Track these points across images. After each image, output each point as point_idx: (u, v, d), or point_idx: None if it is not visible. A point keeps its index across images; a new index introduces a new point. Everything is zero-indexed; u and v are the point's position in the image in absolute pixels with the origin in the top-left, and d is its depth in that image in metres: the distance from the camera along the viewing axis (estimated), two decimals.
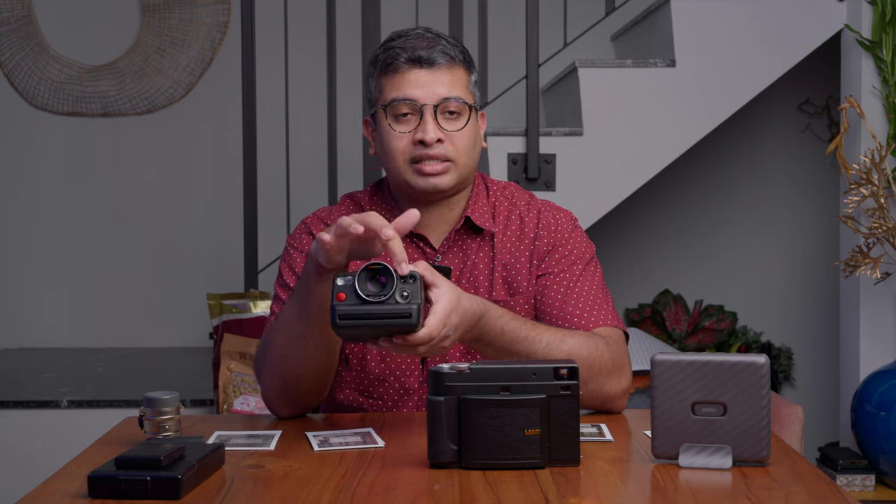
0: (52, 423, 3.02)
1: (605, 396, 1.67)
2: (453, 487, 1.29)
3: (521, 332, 1.60)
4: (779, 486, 1.30)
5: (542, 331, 1.63)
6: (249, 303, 2.94)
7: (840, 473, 3.18)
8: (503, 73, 3.82)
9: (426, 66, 1.72)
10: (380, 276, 1.41)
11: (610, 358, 1.68)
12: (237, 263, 3.53)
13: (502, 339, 1.59)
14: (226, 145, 4.11)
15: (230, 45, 4.13)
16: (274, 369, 1.65)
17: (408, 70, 1.73)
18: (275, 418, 1.69)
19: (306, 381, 1.65)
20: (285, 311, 1.63)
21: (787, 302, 4.18)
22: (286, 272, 1.80)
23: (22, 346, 4.16)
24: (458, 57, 1.75)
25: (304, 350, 1.62)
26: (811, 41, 3.33)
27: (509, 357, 1.60)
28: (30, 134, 4.17)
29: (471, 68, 1.79)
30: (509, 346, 1.59)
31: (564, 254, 1.80)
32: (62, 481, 1.34)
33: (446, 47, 1.74)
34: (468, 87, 1.77)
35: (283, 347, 1.63)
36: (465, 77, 1.76)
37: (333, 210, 1.86)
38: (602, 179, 3.25)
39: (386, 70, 1.74)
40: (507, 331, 1.59)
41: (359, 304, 1.40)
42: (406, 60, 1.73)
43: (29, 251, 4.18)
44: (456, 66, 1.75)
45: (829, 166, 4.08)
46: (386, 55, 1.75)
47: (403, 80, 1.73)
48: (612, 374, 1.67)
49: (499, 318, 1.58)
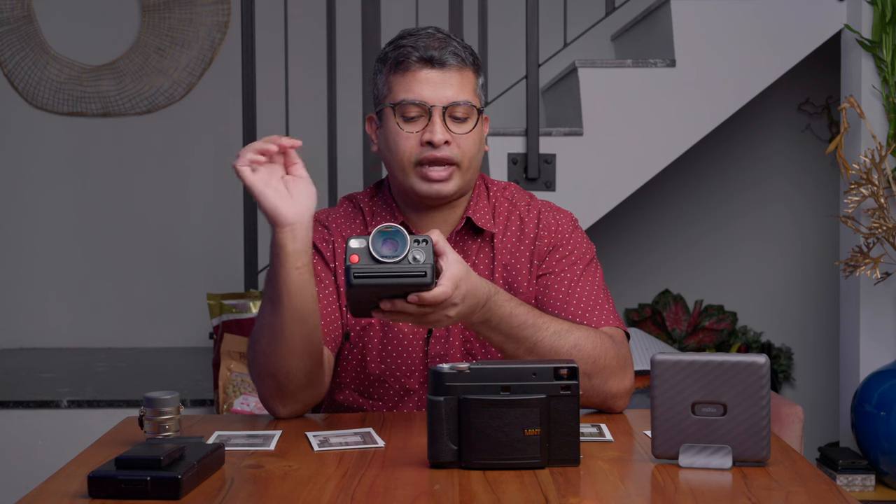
0: (52, 423, 3.02)
1: (608, 394, 1.67)
2: (453, 487, 1.29)
3: (528, 318, 1.60)
4: (779, 486, 1.30)
5: (548, 320, 1.64)
6: (249, 303, 2.94)
7: (840, 473, 3.18)
8: (503, 73, 3.82)
9: (437, 67, 1.72)
10: (394, 238, 1.43)
11: (615, 355, 1.68)
12: (237, 263, 3.53)
13: (509, 323, 1.58)
14: (226, 145, 4.11)
15: (230, 45, 4.13)
16: (262, 368, 1.65)
17: (419, 69, 1.72)
18: (275, 419, 1.69)
19: (294, 376, 1.63)
20: (261, 309, 1.64)
21: (787, 302, 4.18)
22: None
23: (22, 346, 4.16)
24: (468, 59, 1.75)
25: (284, 343, 1.60)
26: (811, 41, 3.33)
27: (515, 345, 1.60)
28: (30, 134, 4.17)
29: (479, 71, 1.79)
30: (516, 331, 1.59)
31: (565, 254, 1.80)
32: (62, 481, 1.34)
33: (457, 49, 1.74)
34: (476, 90, 1.77)
35: (265, 345, 1.63)
36: (473, 80, 1.76)
37: (332, 212, 1.86)
38: (602, 179, 3.25)
39: (396, 68, 1.74)
40: (515, 315, 1.59)
41: (373, 264, 1.42)
42: (417, 59, 1.72)
43: (29, 251, 4.18)
44: (466, 69, 1.75)
45: (829, 166, 4.08)
46: (397, 53, 1.74)
47: (414, 80, 1.72)
48: (616, 371, 1.67)
49: (507, 302, 1.59)
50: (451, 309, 1.48)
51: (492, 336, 1.60)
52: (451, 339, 1.76)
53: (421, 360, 1.77)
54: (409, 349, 1.76)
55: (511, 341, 1.60)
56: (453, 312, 1.49)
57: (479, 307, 1.54)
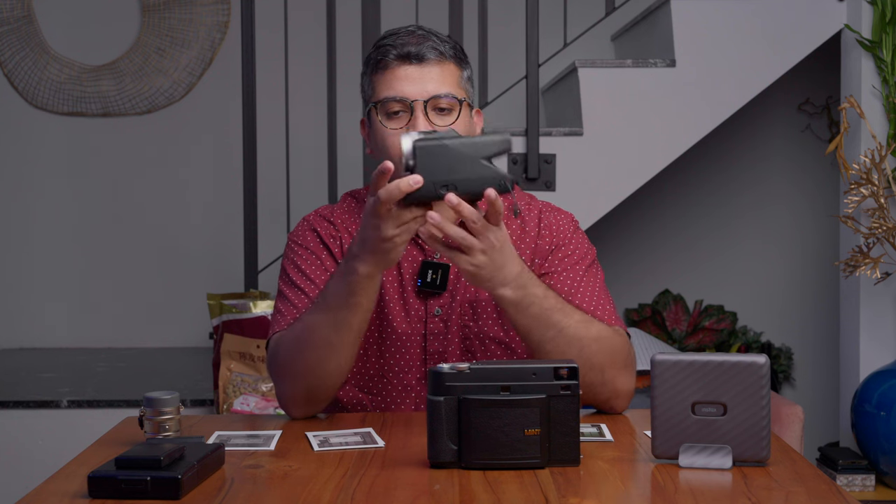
0: (52, 423, 3.02)
1: (616, 391, 1.67)
2: (453, 487, 1.29)
3: (558, 302, 1.62)
4: (779, 486, 1.30)
5: (573, 307, 1.65)
6: (249, 303, 2.93)
7: (840, 473, 3.18)
8: (503, 73, 3.82)
9: (415, 62, 1.72)
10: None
11: (628, 353, 1.69)
12: (237, 263, 3.52)
13: (542, 305, 1.59)
14: (226, 145, 4.11)
15: (230, 45, 4.13)
16: (296, 373, 1.65)
17: (398, 66, 1.73)
18: (275, 418, 1.69)
19: (327, 386, 1.66)
20: (314, 323, 1.63)
21: (787, 302, 4.18)
22: (290, 268, 1.79)
23: (22, 346, 4.16)
24: (448, 53, 1.75)
25: (334, 360, 1.62)
26: (811, 41, 3.33)
27: (543, 330, 1.60)
28: (30, 134, 4.17)
29: (463, 64, 1.78)
30: (548, 314, 1.59)
31: (567, 253, 1.80)
32: (62, 481, 1.34)
33: (436, 43, 1.74)
34: (459, 82, 1.76)
35: (309, 354, 1.63)
36: (456, 73, 1.76)
37: (335, 208, 1.85)
38: (602, 179, 3.25)
39: (377, 68, 1.75)
40: (549, 296, 1.60)
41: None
42: (395, 57, 1.73)
43: (29, 251, 4.18)
44: (446, 62, 1.75)
45: (829, 166, 4.08)
46: (377, 53, 1.76)
47: (393, 77, 1.73)
48: (626, 368, 1.68)
49: (540, 283, 1.60)
50: (494, 249, 1.50)
51: (522, 319, 1.59)
52: (449, 337, 1.76)
53: (419, 356, 1.76)
54: (407, 345, 1.76)
55: (541, 325, 1.60)
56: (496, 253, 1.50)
57: (518, 273, 1.55)
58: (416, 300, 1.76)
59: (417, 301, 1.76)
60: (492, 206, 1.47)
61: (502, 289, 1.56)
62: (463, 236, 1.48)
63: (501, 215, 1.49)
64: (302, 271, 1.77)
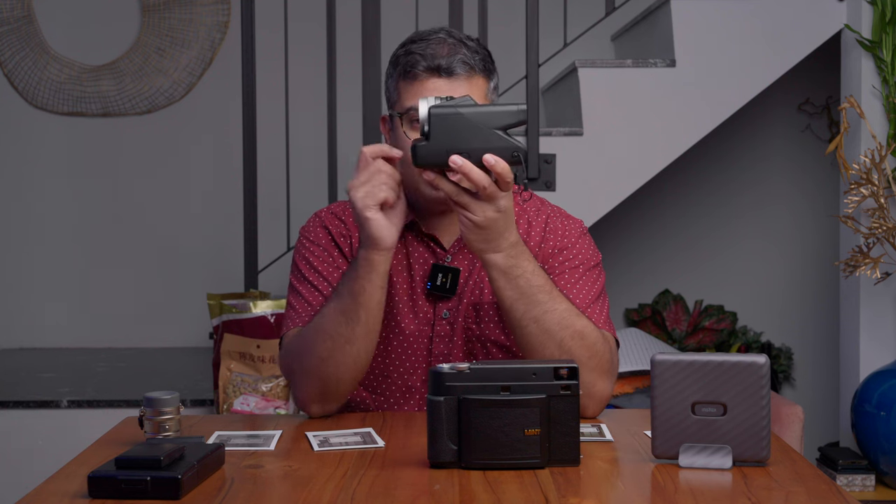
0: (52, 423, 3.02)
1: (591, 394, 1.65)
2: (453, 487, 1.29)
3: (548, 285, 1.62)
4: (779, 486, 1.30)
5: (564, 298, 1.65)
6: (249, 303, 2.93)
7: (840, 473, 3.18)
8: (503, 73, 3.78)
9: (445, 76, 1.71)
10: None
11: (609, 358, 1.68)
12: (237, 263, 3.52)
13: (529, 281, 1.59)
14: (226, 145, 4.11)
15: (230, 45, 4.13)
16: (312, 371, 1.65)
17: (426, 79, 1.71)
18: (275, 418, 1.69)
19: (344, 383, 1.66)
20: (327, 314, 1.64)
21: (787, 302, 4.18)
22: (302, 264, 1.79)
23: (22, 346, 4.16)
24: (477, 66, 1.73)
25: (348, 354, 1.63)
26: (811, 41, 3.33)
27: (527, 305, 1.60)
28: (30, 134, 4.17)
29: (491, 75, 1.77)
30: (535, 290, 1.60)
31: (569, 257, 1.80)
32: (62, 481, 1.34)
33: (466, 56, 1.72)
34: (486, 94, 1.75)
35: (324, 350, 1.63)
36: (484, 86, 1.75)
37: (346, 205, 1.86)
38: (602, 179, 3.25)
39: (405, 75, 1.73)
40: (539, 274, 1.61)
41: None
42: (425, 69, 1.71)
43: (29, 251, 4.18)
44: (475, 76, 1.73)
45: (829, 166, 4.08)
46: (406, 60, 1.73)
47: (422, 89, 1.71)
48: (606, 373, 1.67)
49: (534, 260, 1.62)
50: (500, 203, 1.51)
51: (507, 290, 1.60)
52: (454, 340, 1.76)
53: (424, 358, 1.77)
54: (413, 346, 1.76)
55: (525, 300, 1.60)
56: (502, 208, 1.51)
57: (515, 242, 1.57)
58: (425, 302, 1.77)
59: (426, 303, 1.77)
60: (501, 173, 1.49)
61: (496, 254, 1.58)
62: (488, 182, 1.49)
63: (511, 182, 1.50)
64: (314, 267, 1.78)
